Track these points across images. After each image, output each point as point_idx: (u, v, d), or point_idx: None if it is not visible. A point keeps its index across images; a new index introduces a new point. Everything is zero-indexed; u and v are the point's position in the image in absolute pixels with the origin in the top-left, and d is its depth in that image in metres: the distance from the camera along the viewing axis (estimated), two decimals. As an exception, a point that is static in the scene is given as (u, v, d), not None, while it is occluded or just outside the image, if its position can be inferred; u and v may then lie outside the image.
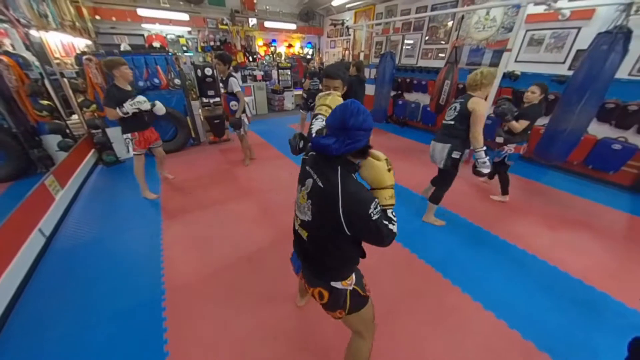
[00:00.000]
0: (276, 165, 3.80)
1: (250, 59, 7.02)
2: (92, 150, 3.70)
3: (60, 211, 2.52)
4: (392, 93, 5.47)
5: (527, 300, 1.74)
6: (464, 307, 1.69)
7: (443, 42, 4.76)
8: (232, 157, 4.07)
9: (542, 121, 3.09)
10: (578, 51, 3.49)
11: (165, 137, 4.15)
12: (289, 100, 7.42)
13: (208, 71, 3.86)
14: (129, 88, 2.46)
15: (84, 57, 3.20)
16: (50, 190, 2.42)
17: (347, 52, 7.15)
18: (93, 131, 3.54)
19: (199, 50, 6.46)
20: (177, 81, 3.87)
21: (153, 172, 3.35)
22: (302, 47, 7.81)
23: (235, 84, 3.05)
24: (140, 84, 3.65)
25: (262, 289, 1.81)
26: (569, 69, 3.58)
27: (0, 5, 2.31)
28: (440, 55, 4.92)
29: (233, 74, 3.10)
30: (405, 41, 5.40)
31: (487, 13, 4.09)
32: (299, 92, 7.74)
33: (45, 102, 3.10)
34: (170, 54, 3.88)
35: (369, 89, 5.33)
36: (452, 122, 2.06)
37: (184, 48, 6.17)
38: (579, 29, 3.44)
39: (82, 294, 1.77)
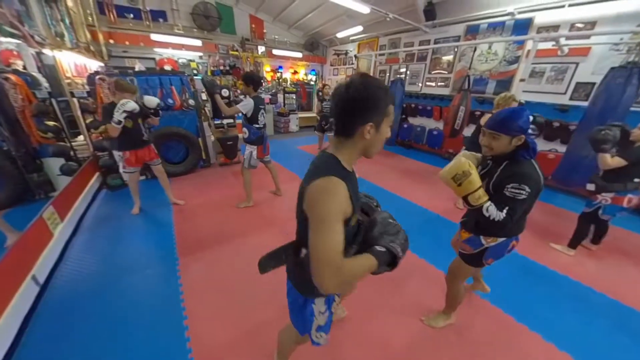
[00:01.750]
0: (295, 189, 3.50)
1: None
2: (97, 174, 3.28)
3: (59, 250, 2.07)
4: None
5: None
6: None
7: (446, 72, 4.84)
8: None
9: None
10: (577, 83, 3.57)
11: (176, 159, 3.81)
12: (294, 123, 7.29)
13: (225, 92, 3.64)
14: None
15: (97, 77, 2.91)
16: (48, 225, 2.00)
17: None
18: (99, 153, 3.16)
19: (209, 74, 6.31)
20: (191, 102, 3.61)
21: (162, 197, 2.97)
22: (306, 74, 7.86)
23: (244, 104, 2.46)
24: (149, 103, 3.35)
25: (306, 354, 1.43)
26: (571, 99, 3.63)
27: (14, 20, 2.02)
28: (441, 83, 4.99)
29: (257, 97, 2.56)
30: (408, 71, 5.48)
31: (489, 47, 4.20)
32: (304, 115, 7.70)
33: (51, 123, 2.73)
34: (186, 75, 3.65)
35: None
36: None
37: (195, 72, 5.99)
38: (577, 64, 3.53)
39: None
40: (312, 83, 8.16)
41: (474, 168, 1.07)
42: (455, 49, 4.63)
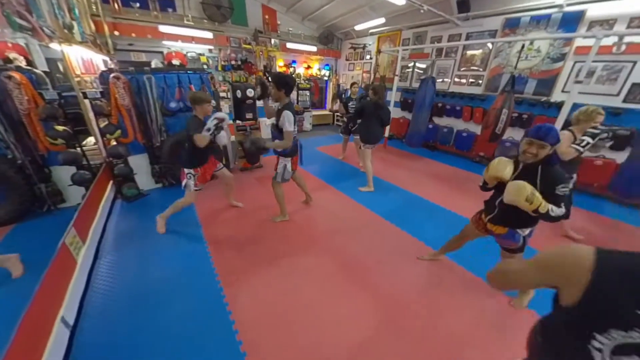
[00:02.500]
0: (327, 197, 3.26)
1: (270, 79, 6.60)
2: (110, 183, 3.00)
3: (84, 279, 1.82)
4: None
5: None
6: None
7: (479, 69, 4.58)
8: (271, 187, 3.48)
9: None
10: (634, 84, 3.34)
11: (195, 164, 3.52)
12: (308, 121, 7.00)
13: (250, 92, 3.35)
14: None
15: (111, 75, 2.60)
16: (71, 252, 1.74)
17: (367, 74, 6.92)
18: (114, 161, 2.87)
19: (219, 69, 5.96)
20: (213, 102, 3.31)
21: (188, 214, 2.72)
22: (319, 69, 7.53)
23: (290, 121, 2.07)
24: (172, 105, 3.06)
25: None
26: (624, 101, 3.42)
27: (22, 9, 1.71)
28: (472, 81, 4.73)
29: (290, 105, 2.15)
30: (434, 67, 5.21)
31: (531, 43, 3.94)
32: (317, 112, 7.40)
33: (61, 128, 2.43)
34: (206, 72, 3.35)
35: (395, 112, 5.05)
36: None
37: (205, 66, 5.64)
38: (634, 63, 3.30)
39: None
40: (325, 78, 7.83)
41: (527, 183, 1.24)
42: (490, 45, 4.36)
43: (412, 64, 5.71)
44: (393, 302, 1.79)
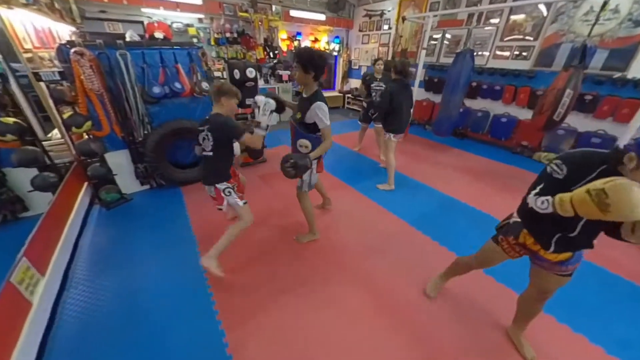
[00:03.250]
0: (346, 200, 2.82)
1: (271, 54, 5.95)
2: (85, 186, 2.59)
3: (42, 326, 1.45)
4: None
5: None
6: None
7: (530, 38, 3.91)
8: (279, 187, 3.05)
9: None
10: None
11: (186, 160, 3.09)
12: (315, 104, 6.40)
13: (251, 72, 2.82)
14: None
15: (72, 51, 2.10)
16: (22, 292, 1.36)
17: (384, 48, 6.20)
18: (87, 159, 2.44)
19: (212, 43, 5.33)
20: (205, 85, 2.80)
21: (181, 229, 2.33)
22: (328, 42, 6.80)
23: (324, 113, 1.65)
24: (156, 90, 2.58)
25: None
26: None
27: None
28: (516, 53, 4.07)
29: (321, 93, 1.72)
30: (471, 39, 4.52)
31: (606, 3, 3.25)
32: (326, 94, 6.75)
33: (10, 120, 1.98)
34: (195, 47, 2.81)
35: (417, 94, 4.53)
36: None
37: (194, 40, 5.02)
38: None
39: None
40: (334, 53, 7.12)
41: None
42: (544, 9, 3.67)
43: (440, 34, 5.01)
44: (438, 350, 1.41)
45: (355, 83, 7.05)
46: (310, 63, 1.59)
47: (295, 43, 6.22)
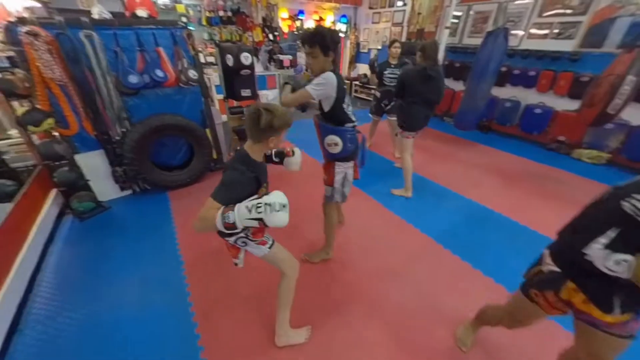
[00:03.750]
0: (357, 209, 2.48)
1: (271, 36, 5.48)
2: (54, 193, 2.30)
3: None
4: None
5: None
6: None
7: (574, 13, 3.41)
8: (282, 190, 2.72)
9: None
10: None
11: (174, 161, 2.78)
12: (319, 93, 5.97)
13: (246, 58, 2.43)
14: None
15: (22, 30, 1.74)
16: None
17: (398, 28, 5.67)
18: (52, 163, 2.13)
19: (204, 23, 4.89)
20: (192, 74, 2.44)
21: (161, 221, 2.04)
22: (334, 22, 6.26)
23: (320, 82, 1.34)
24: (133, 79, 2.23)
25: None
26: None
27: None
28: (556, 31, 3.57)
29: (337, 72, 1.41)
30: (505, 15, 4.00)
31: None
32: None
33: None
34: (179, 28, 2.42)
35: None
36: None
37: (183, 19, 4.58)
38: None
39: None
40: (341, 35, 6.58)
41: None
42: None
43: (463, 10, 4.48)
44: None
45: (363, 69, 6.56)
46: (324, 42, 1.30)
47: (298, 23, 5.72)
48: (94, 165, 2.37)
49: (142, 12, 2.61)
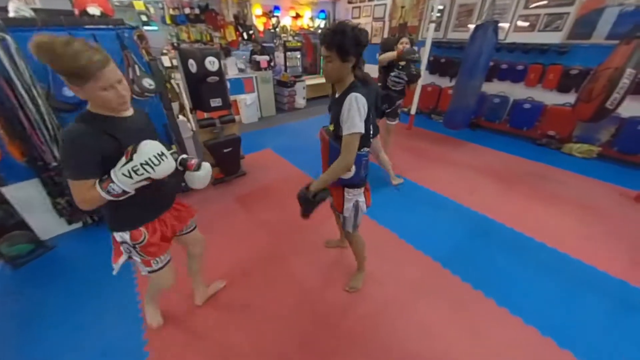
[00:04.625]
0: (380, 243, 2.20)
1: (245, 35, 5.08)
2: (-23, 237, 1.86)
3: None
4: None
5: None
6: None
7: (563, 4, 3.27)
8: (265, 212, 2.39)
9: None
10: None
11: (134, 185, 2.36)
12: (301, 95, 5.66)
13: (212, 63, 2.05)
14: (128, 113, 0.98)
15: None
16: None
17: (379, 24, 5.42)
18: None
19: (168, 22, 4.41)
20: (148, 83, 2.05)
21: (129, 325, 1.67)
22: (312, 19, 5.93)
23: (356, 110, 1.07)
24: (68, 91, 1.81)
25: None
26: None
27: None
28: (549, 25, 3.45)
29: (359, 85, 1.17)
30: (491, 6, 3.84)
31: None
32: (312, 81, 5.97)
33: None
34: (128, 28, 2.02)
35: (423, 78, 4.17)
36: None
37: (143, 18, 4.10)
38: None
39: None
40: (320, 31, 6.26)
41: None
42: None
43: (446, 3, 4.29)
44: None
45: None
46: (352, 46, 1.03)
47: (274, 20, 5.34)
48: (27, 198, 1.94)
49: (94, 10, 2.17)
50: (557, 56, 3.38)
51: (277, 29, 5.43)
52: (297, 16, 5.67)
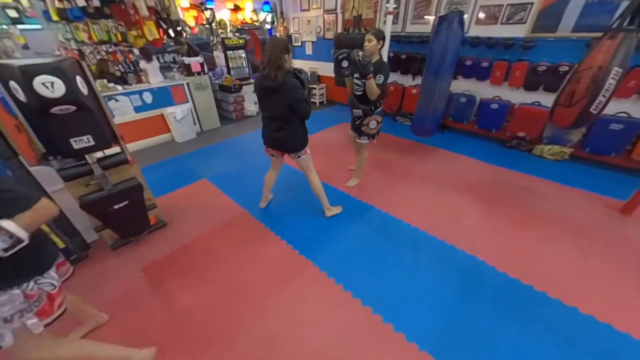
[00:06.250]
0: (303, 287, 1.59)
1: (172, 33, 4.12)
2: None
3: None
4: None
5: None
6: None
7: (522, -6, 2.94)
8: (186, 292, 1.67)
9: None
10: None
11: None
12: (251, 100, 4.88)
13: (49, 85, 1.23)
14: None
15: None
16: None
17: (331, 16, 4.79)
18: None
19: (55, 18, 3.32)
20: None
21: None
22: (255, 11, 5.11)
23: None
24: None
25: None
26: None
27: None
28: (512, 18, 3.11)
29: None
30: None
31: None
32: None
33: None
34: None
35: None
36: None
37: (11, 13, 2.99)
38: None
39: None
40: (267, 26, 5.47)
41: None
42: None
43: (404, -8, 3.81)
44: None
45: (299, 64, 5.59)
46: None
47: (207, 13, 4.43)
48: None
49: None
50: (523, 51, 3.07)
51: (213, 24, 4.54)
52: (237, 9, 4.81)
